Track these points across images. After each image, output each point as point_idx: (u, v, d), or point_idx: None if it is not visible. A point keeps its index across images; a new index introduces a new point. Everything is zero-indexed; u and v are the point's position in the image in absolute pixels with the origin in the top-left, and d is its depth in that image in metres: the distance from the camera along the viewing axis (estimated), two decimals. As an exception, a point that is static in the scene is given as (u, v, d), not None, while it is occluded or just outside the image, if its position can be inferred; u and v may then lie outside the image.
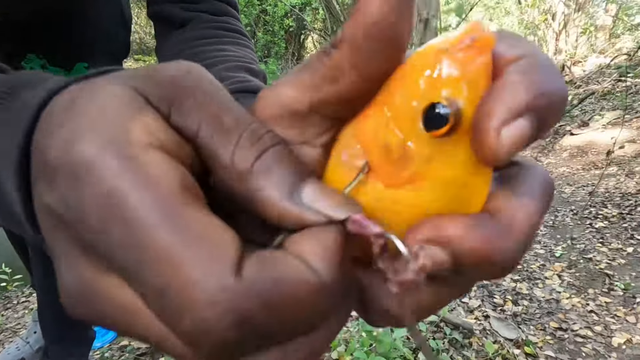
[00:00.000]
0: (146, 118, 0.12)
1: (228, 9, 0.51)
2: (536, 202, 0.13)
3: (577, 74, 6.91)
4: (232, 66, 0.41)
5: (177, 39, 0.47)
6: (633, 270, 1.69)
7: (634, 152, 3.25)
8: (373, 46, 0.12)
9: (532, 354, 1.31)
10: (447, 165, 0.12)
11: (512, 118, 0.11)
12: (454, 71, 0.11)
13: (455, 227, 0.12)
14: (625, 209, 2.19)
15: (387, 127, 0.12)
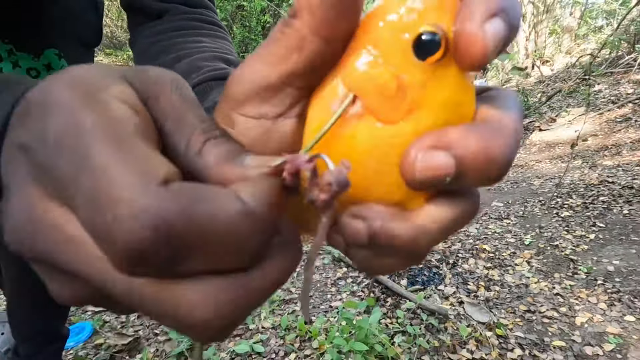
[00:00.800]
0: (125, 87, 0.13)
1: (204, 1, 0.50)
2: (515, 111, 0.14)
3: (545, 73, 7.22)
4: (208, 56, 0.41)
5: (152, 30, 0.47)
6: (595, 255, 1.79)
7: (597, 146, 3.44)
8: (330, 9, 0.12)
9: (503, 335, 1.37)
10: (439, 89, 0.12)
11: (489, 17, 0.12)
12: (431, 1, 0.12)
13: (455, 132, 0.13)
14: (588, 199, 2.32)
15: (376, 64, 0.12)
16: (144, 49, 0.47)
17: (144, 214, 0.10)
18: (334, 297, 1.77)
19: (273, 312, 1.65)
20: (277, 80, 0.14)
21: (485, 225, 2.32)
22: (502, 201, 2.64)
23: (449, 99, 0.13)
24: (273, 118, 0.15)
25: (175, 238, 0.10)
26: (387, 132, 0.13)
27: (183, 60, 0.41)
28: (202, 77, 0.37)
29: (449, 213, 0.14)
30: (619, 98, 4.26)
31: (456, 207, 0.14)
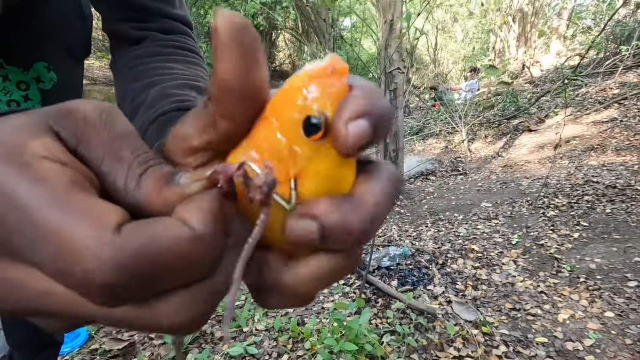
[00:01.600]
0: (46, 139, 0.14)
1: (181, 27, 0.53)
2: (383, 186, 0.16)
3: (535, 73, 7.33)
4: (178, 84, 0.43)
5: (130, 55, 0.49)
6: (578, 253, 1.85)
7: (584, 146, 3.51)
8: (230, 98, 0.15)
9: (489, 333, 1.42)
10: (321, 162, 0.15)
11: (355, 118, 0.14)
12: (321, 91, 0.15)
13: (322, 204, 0.15)
14: (573, 199, 2.39)
15: (276, 135, 0.16)
16: (122, 72, 0.49)
17: (107, 264, 0.12)
18: (326, 299, 1.81)
19: (266, 314, 1.68)
20: (198, 144, 0.17)
21: (474, 225, 2.38)
22: (491, 202, 2.70)
23: (329, 172, 0.15)
24: (194, 167, 0.18)
25: (139, 275, 0.12)
26: (280, 190, 0.16)
27: (154, 87, 0.43)
28: (169, 107, 0.39)
29: (325, 265, 0.16)
30: (605, 98, 4.36)
31: (334, 260, 0.16)
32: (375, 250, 2.14)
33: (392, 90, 2.89)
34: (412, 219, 2.69)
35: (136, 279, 0.12)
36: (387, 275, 1.92)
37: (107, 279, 0.12)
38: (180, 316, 0.14)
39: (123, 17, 0.51)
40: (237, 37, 0.14)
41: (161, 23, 0.51)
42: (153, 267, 0.12)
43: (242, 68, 0.15)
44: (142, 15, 0.51)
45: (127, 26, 0.50)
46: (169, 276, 0.13)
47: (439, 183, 3.59)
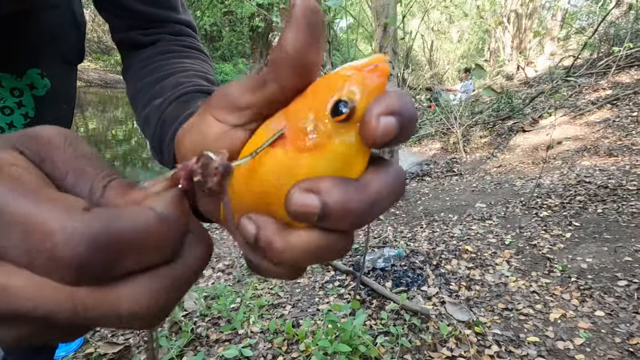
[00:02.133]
0: (13, 153, 0.15)
1: (188, 31, 0.55)
2: (388, 179, 0.17)
3: (530, 74, 7.38)
4: (190, 74, 0.46)
5: (141, 57, 0.51)
6: (570, 253, 1.87)
7: (577, 146, 3.55)
8: (287, 67, 0.17)
9: (481, 333, 1.44)
10: (339, 144, 0.16)
11: (387, 113, 0.15)
12: (357, 82, 0.16)
13: (327, 181, 0.16)
14: (566, 199, 2.41)
15: (307, 110, 0.17)
16: (134, 73, 0.51)
17: (76, 236, 0.12)
18: (322, 300, 1.82)
19: (262, 316, 1.69)
20: (243, 104, 0.19)
21: (469, 226, 2.40)
22: (485, 202, 2.72)
23: (343, 154, 0.16)
24: (231, 126, 0.20)
25: (105, 248, 0.13)
26: (290, 160, 0.17)
27: (167, 79, 0.45)
28: (187, 89, 0.42)
29: (318, 241, 0.17)
30: (598, 99, 4.40)
31: (327, 239, 0.17)
32: (370, 252, 2.16)
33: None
34: (407, 220, 2.71)
35: (101, 252, 0.13)
36: (382, 276, 1.94)
37: (76, 252, 0.12)
38: (141, 302, 0.14)
39: (132, 26, 0.53)
40: (309, 16, 0.16)
41: (169, 28, 0.54)
42: (119, 243, 0.13)
43: (306, 44, 0.17)
44: (150, 23, 0.53)
45: (136, 34, 0.52)
46: (133, 254, 0.13)
47: (434, 184, 3.61)
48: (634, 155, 2.87)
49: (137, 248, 0.13)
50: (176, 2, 0.56)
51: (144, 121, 0.45)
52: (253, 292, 1.91)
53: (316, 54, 0.17)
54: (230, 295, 1.88)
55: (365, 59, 0.17)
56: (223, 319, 1.65)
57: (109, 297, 0.14)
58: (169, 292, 0.15)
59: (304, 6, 0.16)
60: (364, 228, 2.52)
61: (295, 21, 0.17)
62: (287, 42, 0.17)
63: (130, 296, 0.14)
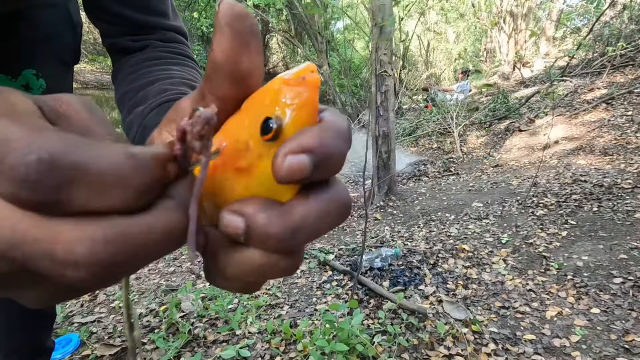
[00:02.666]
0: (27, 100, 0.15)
1: (178, 37, 0.55)
2: (318, 205, 0.16)
3: (526, 74, 7.42)
4: (175, 81, 0.46)
5: (130, 62, 0.51)
6: (566, 251, 1.88)
7: (573, 146, 3.57)
8: (218, 77, 0.17)
9: (478, 331, 1.44)
10: (269, 163, 0.16)
11: (297, 152, 0.14)
12: (287, 97, 0.16)
13: (251, 205, 0.16)
14: (562, 198, 2.43)
15: (241, 127, 0.17)
16: (121, 78, 0.51)
17: (33, 147, 0.11)
18: (319, 300, 1.82)
19: (259, 317, 1.69)
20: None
21: (466, 225, 2.40)
22: (481, 201, 2.73)
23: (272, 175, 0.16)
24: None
25: (58, 168, 0.11)
26: (227, 180, 0.17)
27: (152, 86, 0.45)
28: (170, 97, 0.42)
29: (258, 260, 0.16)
30: (593, 99, 4.43)
31: (267, 258, 0.16)
32: (367, 252, 2.16)
33: (383, 92, 2.92)
34: (404, 219, 2.72)
35: (54, 173, 0.11)
36: (379, 276, 1.94)
37: (25, 161, 0.11)
38: (78, 248, 0.12)
39: (123, 32, 0.53)
40: (234, 23, 0.16)
41: (159, 34, 0.54)
42: (75, 169, 0.12)
43: (234, 52, 0.16)
44: (140, 29, 0.53)
45: (126, 39, 0.52)
46: (88, 188, 0.12)
47: (432, 184, 3.62)
48: (628, 154, 2.89)
49: (95, 182, 0.12)
50: (167, 8, 0.56)
51: (128, 127, 0.45)
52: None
53: (248, 61, 0.17)
54: (228, 296, 1.88)
55: (295, 69, 0.16)
56: (220, 319, 1.65)
57: (48, 233, 0.12)
58: (114, 246, 0.12)
59: (229, 12, 0.16)
60: (361, 229, 2.52)
61: (220, 28, 0.16)
62: (215, 51, 0.16)
63: (69, 237, 0.12)
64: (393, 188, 3.17)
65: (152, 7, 0.53)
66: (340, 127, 0.16)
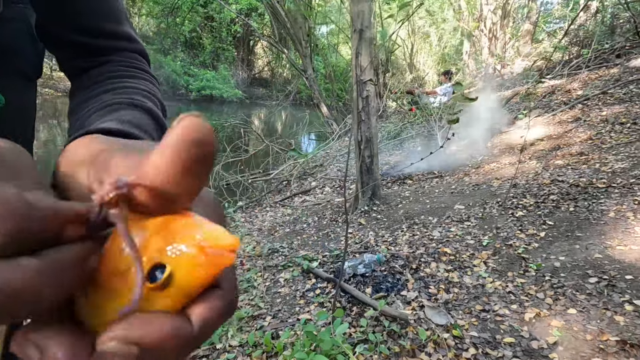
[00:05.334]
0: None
1: (136, 56, 0.54)
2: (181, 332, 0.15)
3: (506, 76, 7.58)
4: (130, 90, 0.45)
5: (86, 76, 0.51)
6: (544, 252, 1.92)
7: (551, 146, 3.65)
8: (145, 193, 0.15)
9: (459, 336, 1.45)
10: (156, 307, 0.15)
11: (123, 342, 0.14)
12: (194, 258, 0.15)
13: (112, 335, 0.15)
14: (540, 198, 2.47)
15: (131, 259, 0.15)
16: (77, 94, 0.51)
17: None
18: (302, 310, 1.80)
19: (241, 329, 1.67)
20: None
21: (448, 228, 2.43)
22: (463, 204, 2.76)
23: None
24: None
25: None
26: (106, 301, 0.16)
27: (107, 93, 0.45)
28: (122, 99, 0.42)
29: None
30: (570, 100, 4.54)
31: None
32: (351, 258, 2.16)
33: (365, 97, 2.93)
34: (388, 224, 2.73)
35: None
36: (362, 282, 1.94)
37: None
38: None
39: (79, 56, 0.52)
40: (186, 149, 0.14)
41: (116, 55, 0.53)
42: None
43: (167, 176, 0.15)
44: (97, 53, 0.52)
45: (82, 61, 0.52)
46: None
47: (415, 187, 3.65)
48: (603, 153, 2.96)
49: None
50: (124, 32, 0.55)
51: (69, 129, 0.44)
52: (233, 304, 1.88)
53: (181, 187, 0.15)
54: (210, 308, 1.85)
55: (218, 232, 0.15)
56: (201, 333, 1.62)
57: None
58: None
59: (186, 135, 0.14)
60: (343, 234, 2.51)
61: (167, 147, 0.14)
62: (149, 165, 0.15)
63: None
64: (377, 192, 3.18)
65: (108, 31, 0.53)
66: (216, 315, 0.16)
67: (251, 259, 2.47)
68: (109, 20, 0.53)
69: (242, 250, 2.62)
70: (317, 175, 4.79)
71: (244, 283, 2.10)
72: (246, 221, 3.55)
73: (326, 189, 4.21)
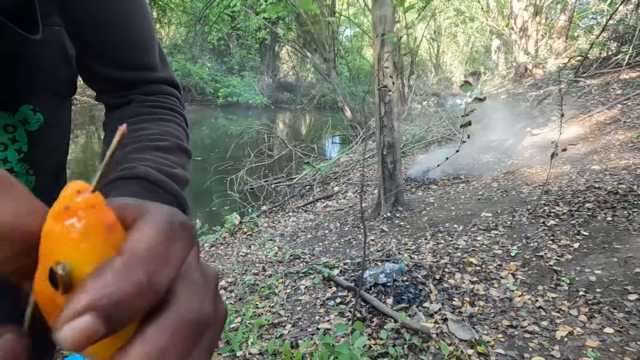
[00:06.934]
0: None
1: (164, 89, 0.56)
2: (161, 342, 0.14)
3: (538, 75, 7.26)
4: (140, 147, 0.46)
5: (112, 118, 0.54)
6: (578, 264, 1.81)
7: (587, 149, 3.45)
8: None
9: (484, 353, 1.39)
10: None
11: (76, 316, 0.12)
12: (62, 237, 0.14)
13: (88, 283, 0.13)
14: (574, 206, 2.34)
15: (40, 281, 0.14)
16: (106, 135, 0.54)
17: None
18: (322, 319, 1.79)
19: (261, 336, 1.68)
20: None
21: (474, 237, 2.34)
22: (491, 211, 2.66)
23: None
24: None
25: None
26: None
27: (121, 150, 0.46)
28: (115, 174, 0.42)
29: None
30: (608, 100, 4.29)
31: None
32: (373, 266, 2.13)
33: (387, 102, 2.90)
34: (411, 231, 2.67)
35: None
36: (383, 292, 1.90)
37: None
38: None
39: (110, 90, 0.55)
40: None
41: (145, 88, 0.55)
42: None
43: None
44: (126, 86, 0.55)
45: (112, 97, 0.54)
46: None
47: (440, 192, 3.56)
48: (646, 157, 2.77)
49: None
50: (152, 60, 0.56)
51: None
52: (254, 311, 1.90)
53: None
54: (231, 314, 1.88)
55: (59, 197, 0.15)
56: (221, 340, 1.64)
57: None
58: None
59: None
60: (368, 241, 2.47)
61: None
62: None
63: None
64: (400, 198, 3.13)
65: (135, 63, 0.55)
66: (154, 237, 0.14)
67: (273, 265, 2.49)
68: (135, 51, 0.55)
69: (264, 256, 2.65)
70: (340, 180, 4.77)
71: (265, 289, 2.12)
72: (269, 226, 3.58)
73: (349, 194, 4.19)
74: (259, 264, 2.54)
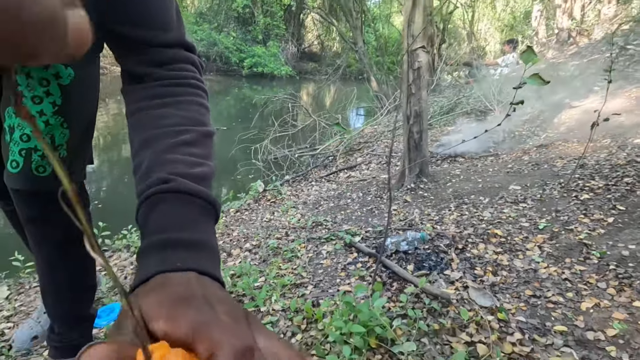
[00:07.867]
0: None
1: (179, 55, 0.55)
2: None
3: (582, 43, 6.72)
4: (168, 146, 0.45)
5: (133, 98, 0.52)
6: (611, 239, 1.74)
7: (631, 122, 3.22)
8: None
9: (504, 320, 1.39)
10: None
11: None
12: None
13: None
14: (611, 180, 2.22)
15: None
16: (128, 117, 0.53)
17: None
18: (343, 282, 1.84)
19: (284, 295, 1.75)
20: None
21: (500, 209, 2.29)
22: (520, 184, 2.58)
23: None
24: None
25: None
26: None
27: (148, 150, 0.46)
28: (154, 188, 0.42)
29: None
30: (660, 69, 3.93)
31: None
32: (394, 234, 2.14)
33: (416, 69, 2.79)
34: (435, 202, 2.64)
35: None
36: (404, 259, 1.92)
37: None
38: None
39: (123, 53, 0.55)
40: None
41: (157, 54, 0.53)
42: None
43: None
44: (139, 50, 0.54)
45: (130, 62, 0.54)
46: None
47: (467, 165, 3.46)
48: (698, 131, 2.56)
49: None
50: (165, 18, 0.55)
51: (135, 170, 0.47)
52: (277, 272, 1.97)
53: None
54: (255, 274, 1.96)
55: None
56: (247, 296, 1.73)
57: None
58: None
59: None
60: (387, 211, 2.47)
61: None
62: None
63: None
64: (425, 170, 3.07)
65: (149, 20, 0.53)
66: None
67: (295, 231, 2.55)
68: (150, 6, 0.53)
69: (287, 222, 2.71)
70: (364, 151, 4.72)
71: (287, 253, 2.18)
72: (292, 194, 3.64)
73: (372, 165, 4.15)
74: (282, 229, 2.60)
